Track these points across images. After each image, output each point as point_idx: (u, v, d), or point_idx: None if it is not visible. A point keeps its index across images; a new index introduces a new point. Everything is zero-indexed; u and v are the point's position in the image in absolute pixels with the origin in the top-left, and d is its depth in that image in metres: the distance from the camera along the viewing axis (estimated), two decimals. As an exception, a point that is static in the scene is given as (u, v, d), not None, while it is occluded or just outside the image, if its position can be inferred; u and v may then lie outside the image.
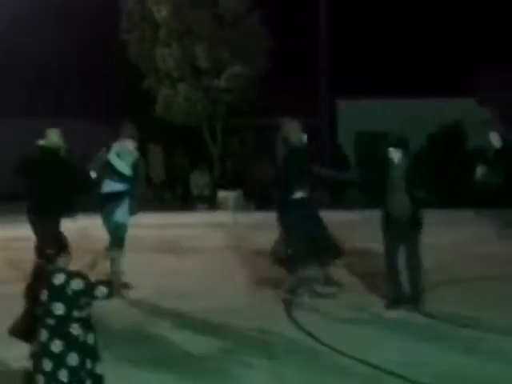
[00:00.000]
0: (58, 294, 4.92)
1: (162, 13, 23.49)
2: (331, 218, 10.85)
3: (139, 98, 25.12)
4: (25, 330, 5.10)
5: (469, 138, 24.89)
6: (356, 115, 27.44)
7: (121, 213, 10.25)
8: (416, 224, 9.17)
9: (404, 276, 9.31)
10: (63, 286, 4.93)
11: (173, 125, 24.72)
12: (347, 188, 23.61)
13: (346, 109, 27.97)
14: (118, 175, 10.28)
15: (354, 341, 8.06)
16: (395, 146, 9.28)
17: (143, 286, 10.33)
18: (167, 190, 25.83)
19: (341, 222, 15.30)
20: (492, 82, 25.61)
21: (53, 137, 10.14)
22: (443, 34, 26.65)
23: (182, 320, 9.03)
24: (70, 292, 4.92)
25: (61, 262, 5.11)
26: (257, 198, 22.71)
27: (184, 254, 13.77)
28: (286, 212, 9.72)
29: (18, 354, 5.71)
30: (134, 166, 10.46)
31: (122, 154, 10.35)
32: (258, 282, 11.14)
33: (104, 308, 6.84)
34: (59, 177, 9.82)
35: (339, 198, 24.42)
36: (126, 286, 9.94)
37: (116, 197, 10.25)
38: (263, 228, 16.80)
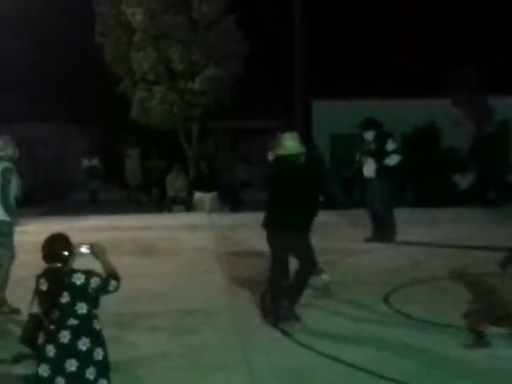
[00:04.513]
0: (81, 293, 4.94)
1: (136, 16, 23.50)
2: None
3: (115, 102, 25.15)
4: (33, 337, 5.10)
5: (442, 138, 25.19)
6: (331, 117, 27.59)
7: None
8: None
9: None
10: (84, 286, 4.95)
11: (148, 128, 24.75)
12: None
13: (322, 110, 28.11)
14: None
15: (323, 339, 8.20)
16: None
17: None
18: (143, 193, 25.86)
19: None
20: (464, 82, 25.87)
21: (290, 143, 8.81)
22: (418, 36, 26.85)
23: (156, 322, 9.10)
24: (90, 290, 4.96)
25: (71, 261, 5.14)
26: (232, 200, 22.83)
27: (160, 256, 13.84)
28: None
29: None
30: None
31: None
32: (233, 283, 11.24)
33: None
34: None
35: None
36: None
37: None
38: (238, 229, 16.98)
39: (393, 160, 14.29)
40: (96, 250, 5.17)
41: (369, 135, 14.62)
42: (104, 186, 26.00)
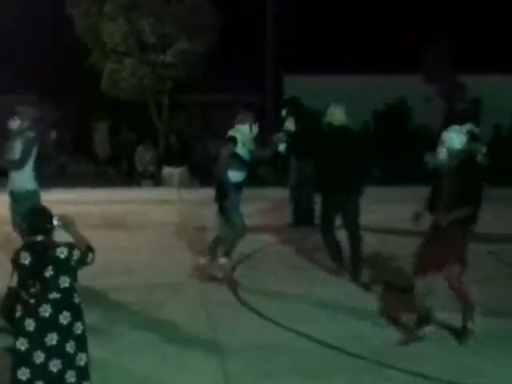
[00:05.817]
0: (64, 267, 4.88)
1: (107, -14, 23.18)
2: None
3: (85, 74, 24.83)
4: (11, 311, 5.02)
5: (413, 115, 25.24)
6: (303, 92, 27.45)
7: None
8: None
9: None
10: (67, 259, 4.88)
11: (119, 100, 24.49)
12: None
13: (293, 85, 27.98)
14: (243, 164, 9.86)
15: (292, 315, 8.20)
16: None
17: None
18: (112, 166, 25.60)
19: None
20: (436, 59, 25.89)
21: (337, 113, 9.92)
22: (390, 11, 26.79)
23: (124, 296, 9.04)
24: (73, 263, 4.90)
25: (53, 234, 5.06)
26: (201, 175, 22.63)
27: (128, 230, 13.76)
28: None
29: None
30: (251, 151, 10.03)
31: (246, 142, 9.83)
32: (201, 258, 11.17)
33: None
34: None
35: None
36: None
37: (242, 185, 9.97)
38: (207, 205, 16.84)
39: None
40: (66, 222, 5.08)
41: (283, 113, 14.40)
42: (72, 160, 25.68)
